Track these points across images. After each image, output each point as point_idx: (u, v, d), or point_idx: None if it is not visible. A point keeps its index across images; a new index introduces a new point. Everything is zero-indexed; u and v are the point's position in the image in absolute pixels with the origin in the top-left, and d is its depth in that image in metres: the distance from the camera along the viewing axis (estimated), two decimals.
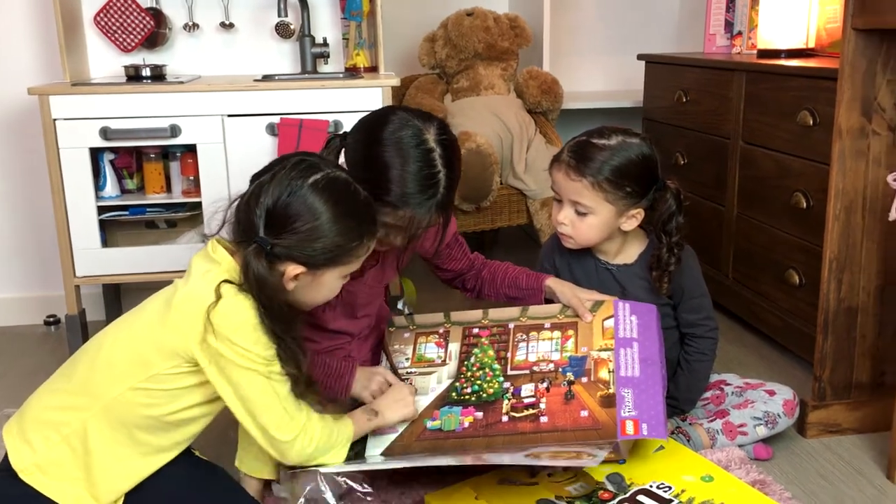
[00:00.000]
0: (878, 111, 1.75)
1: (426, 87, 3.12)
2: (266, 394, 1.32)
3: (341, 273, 1.40)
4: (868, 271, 1.83)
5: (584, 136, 1.73)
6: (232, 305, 1.29)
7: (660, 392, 1.59)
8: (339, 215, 1.33)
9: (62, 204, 2.31)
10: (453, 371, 1.70)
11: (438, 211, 1.51)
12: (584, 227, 1.73)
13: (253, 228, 1.32)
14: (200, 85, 2.35)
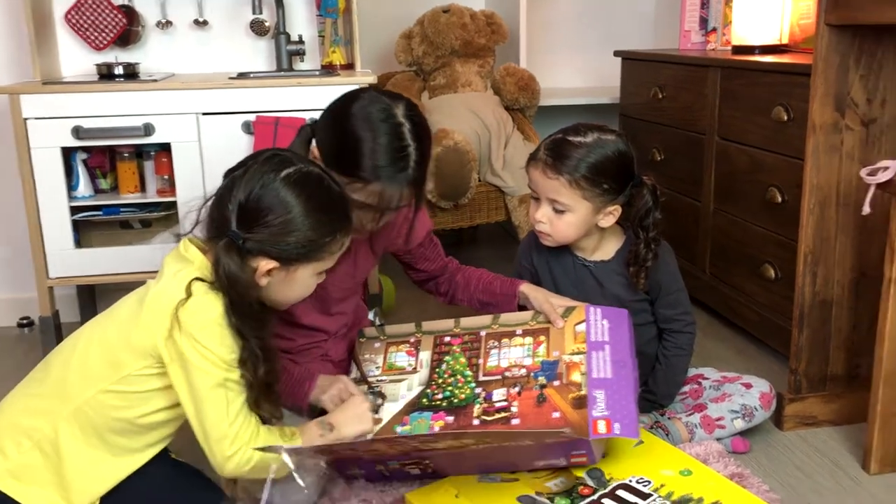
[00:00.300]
0: (851, 106, 1.76)
1: (403, 85, 3.11)
2: (217, 402, 1.30)
3: (315, 270, 1.38)
4: (842, 265, 1.84)
5: (561, 134, 1.73)
6: (201, 303, 1.28)
7: (632, 393, 1.59)
8: (311, 209, 1.32)
9: (34, 204, 2.28)
10: (424, 378, 1.69)
11: (410, 187, 1.50)
12: (562, 224, 1.74)
13: (226, 223, 1.31)
14: (174, 83, 2.33)
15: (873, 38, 1.73)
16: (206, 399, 1.29)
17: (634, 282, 1.77)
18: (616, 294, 1.80)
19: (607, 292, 1.80)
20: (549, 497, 1.51)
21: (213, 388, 1.29)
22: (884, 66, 1.75)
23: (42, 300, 2.37)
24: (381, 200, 1.49)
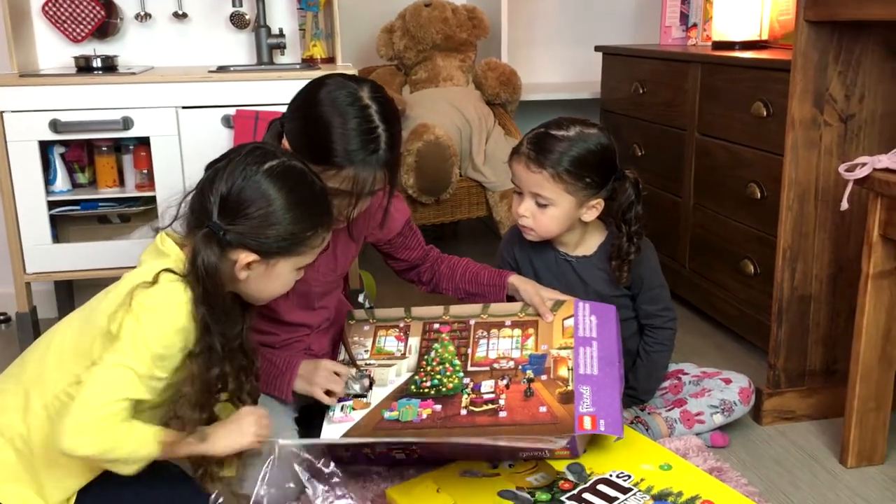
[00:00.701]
0: (829, 102, 1.77)
1: (384, 79, 3.10)
2: (110, 378, 1.23)
3: (295, 265, 1.37)
4: (821, 260, 1.86)
5: (543, 128, 1.74)
6: (162, 290, 1.26)
7: (617, 391, 1.61)
8: (293, 203, 1.31)
9: (11, 199, 2.25)
10: (413, 365, 1.69)
11: (383, 169, 1.50)
12: (545, 219, 1.74)
13: (206, 215, 1.29)
14: (153, 76, 2.31)
15: (852, 35, 1.74)
16: (103, 370, 1.23)
17: (617, 276, 1.78)
18: (598, 289, 1.80)
19: (589, 287, 1.81)
20: (529, 492, 1.52)
21: (116, 365, 1.23)
22: (862, 63, 1.76)
23: (19, 296, 2.34)
24: (354, 185, 1.49)
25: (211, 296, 1.28)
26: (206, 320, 1.28)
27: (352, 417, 1.59)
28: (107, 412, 1.22)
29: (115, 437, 1.23)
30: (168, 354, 1.27)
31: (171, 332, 1.26)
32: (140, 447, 1.25)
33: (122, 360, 1.24)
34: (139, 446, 1.25)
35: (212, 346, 1.29)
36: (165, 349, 1.26)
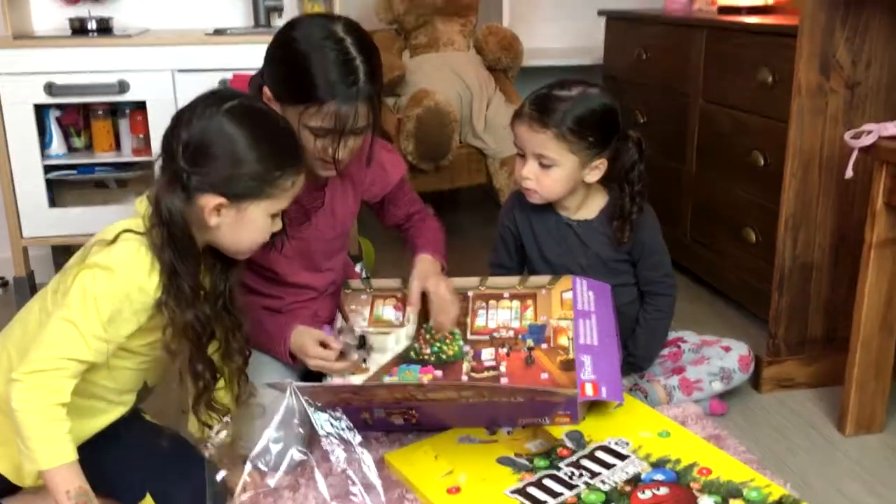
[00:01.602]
0: (836, 69, 1.75)
1: (383, 43, 3.05)
2: (56, 333, 1.22)
3: (268, 210, 1.33)
4: (823, 229, 1.85)
5: (545, 89, 1.72)
6: (119, 250, 1.25)
7: (617, 362, 1.62)
8: (256, 140, 1.28)
9: (6, 163, 2.24)
10: (412, 333, 1.68)
11: (365, 103, 1.47)
12: (549, 180, 1.72)
13: (174, 161, 1.27)
14: (149, 38, 2.28)
15: (859, 0, 1.71)
16: (50, 326, 1.23)
17: (619, 237, 1.77)
18: (599, 253, 1.79)
19: (590, 251, 1.80)
20: (528, 458, 1.52)
21: (61, 320, 1.22)
22: (870, 29, 1.73)
23: (16, 260, 2.33)
24: (337, 120, 1.46)
25: (177, 240, 1.25)
26: (173, 265, 1.26)
27: (351, 381, 1.58)
28: (46, 367, 1.21)
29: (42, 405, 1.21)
30: (118, 317, 1.25)
31: (121, 293, 1.24)
32: (46, 446, 1.21)
33: (68, 315, 1.23)
34: (47, 444, 1.21)
35: (180, 288, 1.27)
36: (115, 311, 1.24)
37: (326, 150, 1.50)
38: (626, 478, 1.45)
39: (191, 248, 1.28)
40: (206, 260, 1.39)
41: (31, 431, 1.21)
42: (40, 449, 1.22)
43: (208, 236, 1.33)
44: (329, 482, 1.41)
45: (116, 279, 1.24)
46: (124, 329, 1.27)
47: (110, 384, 1.36)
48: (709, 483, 1.43)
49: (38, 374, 1.22)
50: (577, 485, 1.44)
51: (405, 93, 2.91)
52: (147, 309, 1.28)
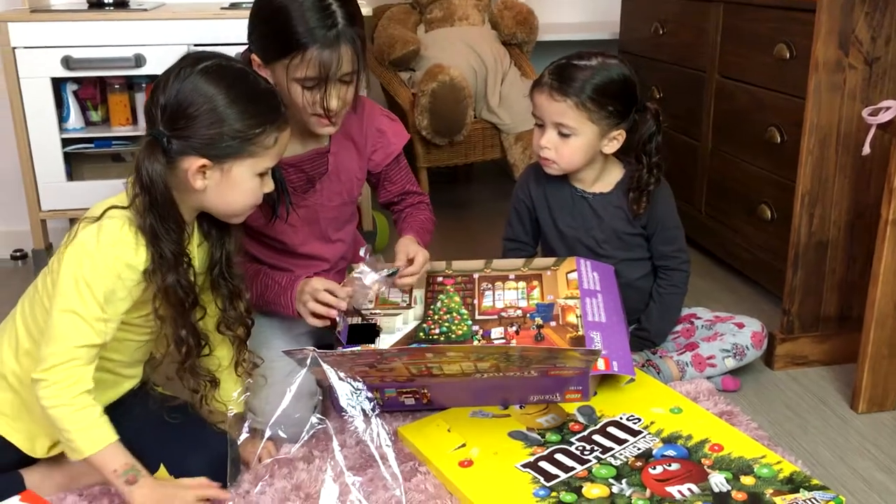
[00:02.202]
0: (855, 44, 1.73)
1: (398, 18, 3.04)
2: (62, 327, 1.24)
3: (253, 169, 1.32)
4: (840, 206, 1.84)
5: (565, 59, 1.72)
6: (105, 229, 1.26)
7: (626, 338, 1.64)
8: (234, 98, 1.27)
9: (25, 136, 2.25)
10: (419, 314, 1.69)
11: (347, 46, 1.47)
12: (568, 150, 1.72)
13: (153, 126, 1.27)
14: (165, 12, 2.28)
15: None
16: (54, 321, 1.25)
17: (634, 209, 1.77)
18: (614, 226, 1.80)
19: (605, 224, 1.80)
20: (540, 433, 1.53)
21: (63, 311, 1.24)
22: (889, 3, 1.71)
23: (35, 233, 2.35)
24: (321, 68, 1.46)
25: (158, 205, 1.25)
26: (154, 230, 1.26)
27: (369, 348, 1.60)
28: (62, 360, 1.24)
29: (68, 397, 1.24)
30: (113, 297, 1.26)
31: (112, 274, 1.25)
32: (84, 434, 1.25)
33: (66, 305, 1.24)
34: (84, 432, 1.25)
35: (162, 254, 1.27)
36: (109, 291, 1.25)
37: (318, 103, 1.50)
38: (637, 453, 1.47)
39: (172, 212, 1.27)
40: (201, 228, 1.39)
41: (67, 424, 1.25)
42: (79, 438, 1.25)
43: (198, 201, 1.33)
44: (343, 454, 1.44)
45: (105, 261, 1.24)
46: (121, 306, 1.28)
47: (116, 356, 1.38)
48: (720, 459, 1.44)
49: (57, 369, 1.24)
50: (589, 459, 1.45)
51: (420, 67, 2.90)
52: (138, 283, 1.28)
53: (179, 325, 1.33)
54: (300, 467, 1.48)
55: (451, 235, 2.78)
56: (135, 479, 1.28)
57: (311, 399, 1.58)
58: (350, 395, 1.41)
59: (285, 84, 1.49)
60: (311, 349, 1.40)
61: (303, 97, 1.49)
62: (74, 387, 1.25)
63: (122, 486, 1.28)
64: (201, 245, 1.40)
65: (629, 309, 1.81)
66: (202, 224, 1.39)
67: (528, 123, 2.92)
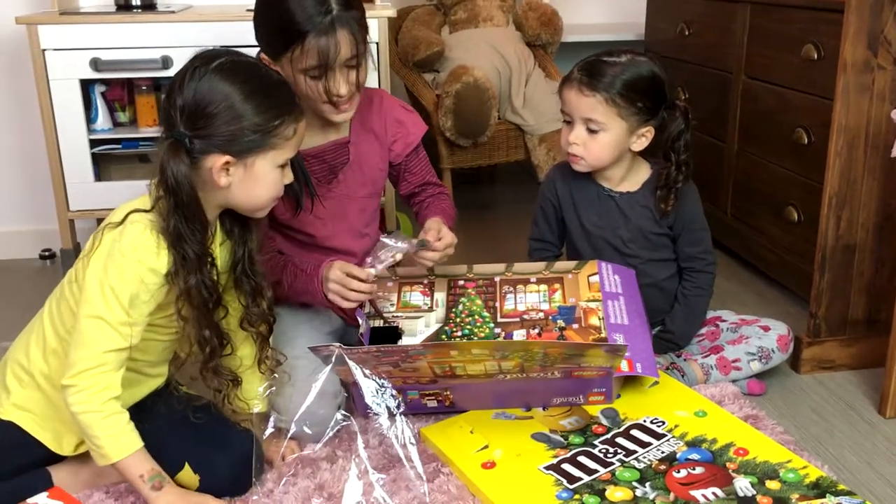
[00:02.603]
0: (884, 45, 1.71)
1: (423, 19, 3.05)
2: (88, 333, 1.26)
3: (274, 161, 1.33)
4: (868, 208, 1.81)
5: (594, 57, 1.73)
6: (128, 233, 1.27)
7: (649, 340, 1.63)
8: (250, 93, 1.28)
9: (54, 137, 2.28)
10: (441, 317, 1.69)
11: (344, 29, 1.49)
12: (597, 146, 1.72)
13: (174, 128, 1.28)
14: (192, 15, 2.30)
15: None
16: (81, 327, 1.27)
17: (662, 207, 1.77)
18: (640, 226, 1.79)
19: (631, 223, 1.79)
20: (563, 435, 1.53)
21: (88, 318, 1.26)
22: None
23: (63, 233, 2.38)
24: (320, 55, 1.49)
25: (184, 206, 1.26)
26: (178, 231, 1.27)
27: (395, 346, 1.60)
28: (90, 366, 1.26)
29: (97, 403, 1.27)
30: (137, 300, 1.27)
31: (136, 279, 1.26)
32: (112, 440, 1.28)
33: (92, 311, 1.26)
34: (112, 438, 1.28)
35: (185, 255, 1.28)
36: (134, 294, 1.26)
37: (327, 91, 1.52)
38: (661, 456, 1.46)
39: (197, 213, 1.28)
40: (224, 227, 1.40)
41: (96, 430, 1.27)
42: (108, 445, 1.28)
43: (222, 198, 1.34)
44: (366, 454, 1.44)
45: (128, 266, 1.26)
46: (145, 309, 1.29)
47: (141, 357, 1.39)
48: (745, 463, 1.43)
49: (85, 374, 1.26)
50: (612, 462, 1.45)
51: (444, 69, 2.90)
52: (161, 286, 1.30)
53: (203, 325, 1.34)
54: (323, 467, 1.49)
55: (474, 237, 2.78)
56: (160, 485, 1.31)
57: (335, 398, 1.59)
58: (375, 392, 1.42)
59: (293, 77, 1.52)
60: (336, 345, 1.41)
61: (314, 89, 1.52)
62: (103, 393, 1.27)
63: (148, 491, 1.30)
64: (223, 244, 1.41)
65: (654, 310, 1.81)
66: (224, 222, 1.41)
67: (553, 125, 2.93)
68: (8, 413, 1.37)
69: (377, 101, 1.74)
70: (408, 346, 1.47)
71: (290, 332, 1.65)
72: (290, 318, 1.68)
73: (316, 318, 1.72)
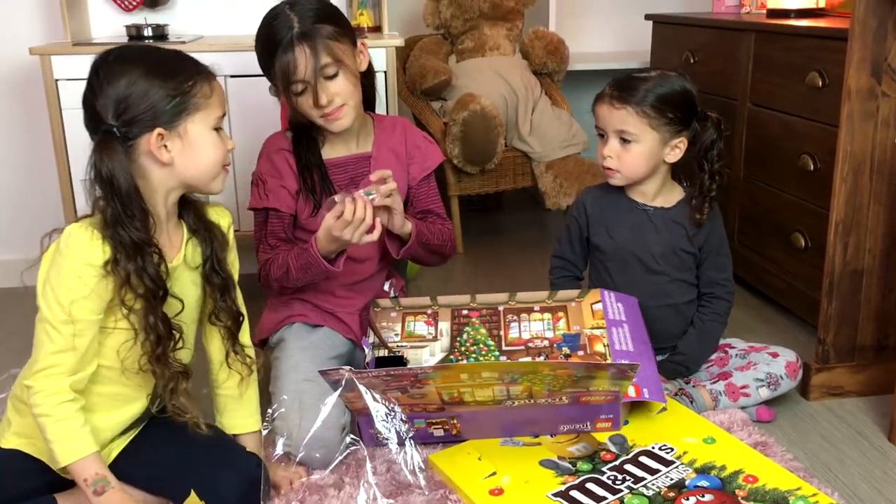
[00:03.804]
0: (888, 72, 1.72)
1: (430, 48, 3.08)
2: (39, 336, 1.30)
3: (205, 122, 1.35)
4: (874, 234, 1.82)
5: (625, 75, 1.78)
6: (66, 234, 1.30)
7: (654, 366, 1.64)
8: (151, 67, 1.31)
9: (66, 165, 2.31)
10: (446, 346, 1.70)
11: (303, 44, 1.58)
12: (630, 157, 1.75)
13: (103, 123, 1.30)
14: (203, 45, 2.33)
15: None
16: (35, 329, 1.31)
17: (698, 217, 1.79)
18: (671, 242, 1.81)
19: (662, 238, 1.81)
20: (571, 462, 1.52)
21: (38, 320, 1.30)
22: None
23: None
24: (283, 70, 1.59)
25: (121, 194, 1.27)
26: (116, 217, 1.28)
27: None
28: (44, 374, 1.29)
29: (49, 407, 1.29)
30: (78, 295, 1.28)
31: (72, 275, 1.27)
32: (61, 444, 1.30)
33: (40, 315, 1.30)
34: (62, 443, 1.30)
35: (123, 242, 1.28)
36: (71, 289, 1.28)
37: (310, 104, 1.62)
38: (669, 483, 1.45)
39: (135, 199, 1.29)
40: (188, 224, 1.43)
41: (48, 434, 1.30)
42: (58, 449, 1.30)
43: (173, 180, 1.35)
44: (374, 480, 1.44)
45: (65, 264, 1.28)
46: (88, 304, 1.29)
47: (115, 364, 1.37)
48: (754, 491, 1.42)
49: (38, 376, 1.29)
50: (621, 489, 1.44)
51: (451, 97, 2.93)
52: (100, 279, 1.29)
53: (148, 311, 1.33)
54: (331, 493, 1.48)
55: (481, 263, 2.79)
56: (103, 489, 1.32)
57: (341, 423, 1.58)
58: (385, 416, 1.42)
59: (288, 98, 1.63)
60: (346, 369, 1.41)
61: (299, 104, 1.64)
62: (55, 396, 1.29)
63: (91, 495, 1.32)
64: (190, 241, 1.43)
65: (667, 335, 1.82)
66: (189, 220, 1.43)
67: (559, 152, 2.95)
68: (9, 442, 1.39)
69: (400, 128, 1.82)
70: (417, 368, 1.47)
71: (295, 357, 1.66)
72: (295, 343, 1.69)
73: (322, 343, 1.72)
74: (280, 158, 1.74)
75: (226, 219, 1.50)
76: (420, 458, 1.41)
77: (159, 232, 1.35)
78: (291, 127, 1.77)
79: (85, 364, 1.33)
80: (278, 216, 1.74)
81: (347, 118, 1.67)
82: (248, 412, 1.53)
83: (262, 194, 1.73)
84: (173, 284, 1.38)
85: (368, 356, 1.66)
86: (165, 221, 1.38)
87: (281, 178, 1.73)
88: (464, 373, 1.45)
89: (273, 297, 1.83)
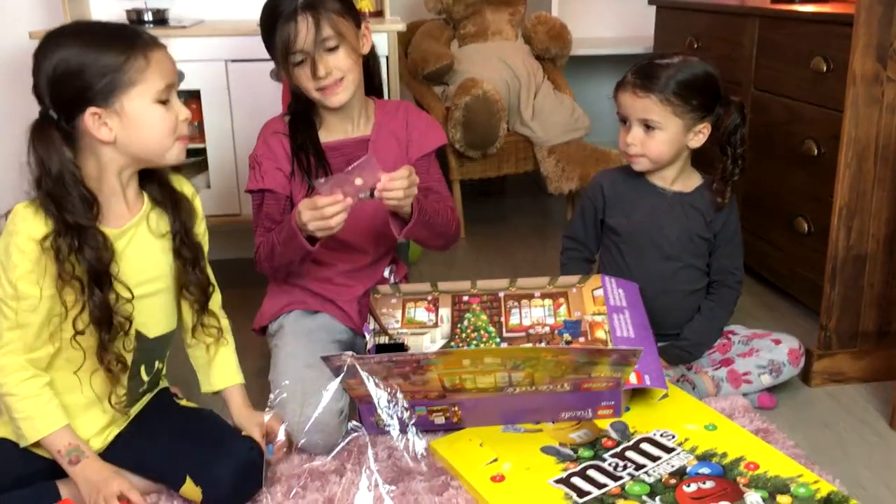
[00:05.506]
0: (893, 57, 1.71)
1: (432, 33, 3.06)
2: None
3: (144, 97, 1.31)
4: (878, 219, 1.81)
5: (647, 60, 1.77)
6: (11, 216, 1.30)
7: (656, 352, 1.63)
8: (87, 44, 1.29)
9: None
10: (447, 332, 1.70)
11: (306, 14, 1.59)
12: (654, 143, 1.74)
13: (43, 106, 1.31)
14: (203, 29, 2.32)
15: None
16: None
17: (719, 201, 1.79)
18: (688, 226, 1.80)
19: (679, 223, 1.80)
20: (572, 448, 1.53)
21: None
22: None
23: None
24: (282, 40, 1.60)
25: (57, 175, 1.28)
26: (53, 194, 1.28)
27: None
28: (2, 345, 1.30)
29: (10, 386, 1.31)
30: (23, 269, 1.28)
31: (16, 248, 1.28)
32: (27, 422, 1.32)
33: None
34: (28, 421, 1.32)
35: (65, 221, 1.28)
36: (16, 264, 1.28)
37: (310, 77, 1.62)
38: (671, 470, 1.45)
39: (69, 182, 1.28)
40: (154, 197, 1.42)
41: (16, 413, 1.33)
42: (26, 426, 1.33)
43: (121, 158, 1.34)
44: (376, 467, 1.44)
45: (11, 240, 1.29)
46: (32, 278, 1.29)
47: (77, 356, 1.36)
48: (756, 478, 1.42)
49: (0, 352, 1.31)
50: (622, 476, 1.44)
51: (453, 82, 2.91)
52: (43, 254, 1.29)
53: (90, 294, 1.32)
54: (332, 480, 1.49)
55: (483, 248, 2.79)
56: (78, 459, 1.34)
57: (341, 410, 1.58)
58: (387, 403, 1.42)
59: (289, 73, 1.64)
60: (349, 354, 1.41)
61: (297, 77, 1.64)
62: (16, 374, 1.31)
63: (67, 466, 1.34)
64: (153, 209, 1.42)
65: (671, 322, 1.82)
66: (153, 191, 1.43)
67: (561, 137, 2.94)
68: (1, 432, 1.40)
69: (402, 111, 1.82)
70: (420, 354, 1.47)
71: (292, 346, 1.66)
72: (291, 333, 1.69)
73: (321, 329, 1.72)
74: (275, 141, 1.74)
75: (188, 188, 1.50)
76: (422, 445, 1.41)
77: (116, 203, 1.36)
78: (290, 111, 1.76)
79: (42, 342, 1.33)
80: (274, 197, 1.73)
81: (345, 93, 1.66)
82: (225, 369, 1.55)
83: (258, 176, 1.73)
84: (127, 248, 1.37)
85: (369, 343, 1.66)
86: (122, 194, 1.37)
87: (276, 160, 1.73)
88: (466, 358, 1.45)
89: (273, 285, 1.83)
